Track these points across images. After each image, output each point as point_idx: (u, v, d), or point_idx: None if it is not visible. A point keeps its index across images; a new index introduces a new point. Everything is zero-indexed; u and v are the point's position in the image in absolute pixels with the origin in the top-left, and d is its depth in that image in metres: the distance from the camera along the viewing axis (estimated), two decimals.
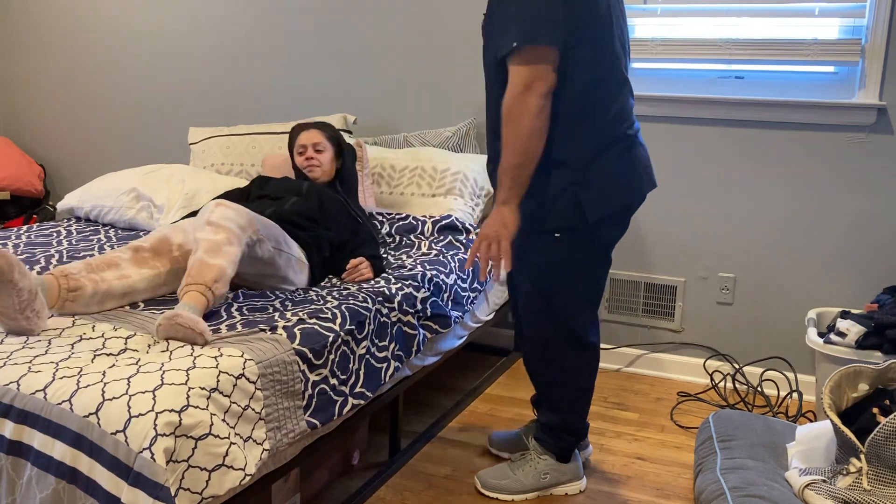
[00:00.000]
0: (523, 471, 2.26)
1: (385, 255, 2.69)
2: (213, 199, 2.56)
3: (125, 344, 1.75)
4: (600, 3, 1.91)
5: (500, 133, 1.95)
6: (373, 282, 2.35)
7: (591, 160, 1.95)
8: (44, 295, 1.85)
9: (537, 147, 1.87)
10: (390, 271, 2.47)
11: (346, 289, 2.26)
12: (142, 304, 2.04)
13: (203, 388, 1.55)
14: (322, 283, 2.41)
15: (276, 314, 1.98)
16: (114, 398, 1.47)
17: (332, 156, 2.77)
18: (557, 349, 2.16)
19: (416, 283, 2.37)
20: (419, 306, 2.34)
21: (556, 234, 2.02)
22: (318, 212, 2.53)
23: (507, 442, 2.48)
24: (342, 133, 3.33)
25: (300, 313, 1.98)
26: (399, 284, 2.33)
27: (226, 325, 1.89)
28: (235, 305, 2.07)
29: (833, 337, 2.52)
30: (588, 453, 2.45)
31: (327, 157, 2.74)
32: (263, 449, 1.67)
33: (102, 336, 1.78)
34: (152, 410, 1.45)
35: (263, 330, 1.85)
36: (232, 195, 2.64)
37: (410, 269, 2.48)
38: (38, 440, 1.49)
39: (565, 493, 2.28)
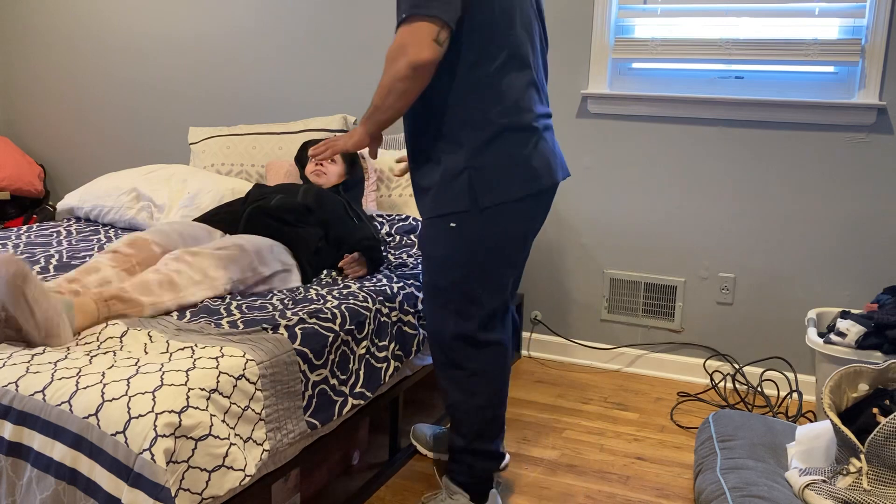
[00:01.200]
0: None
1: (385, 253, 2.69)
2: (197, 219, 2.56)
3: (120, 343, 1.74)
4: None
5: (416, 133, 2.01)
6: (374, 281, 2.35)
7: (487, 144, 1.91)
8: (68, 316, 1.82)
9: (394, 105, 1.88)
10: (391, 270, 2.47)
11: (346, 288, 2.26)
12: None
13: (203, 389, 1.55)
14: (322, 278, 2.40)
15: (277, 313, 1.98)
16: (113, 399, 1.47)
17: (341, 171, 2.81)
18: (455, 352, 2.01)
19: (417, 283, 2.37)
20: (420, 306, 2.34)
21: (452, 224, 1.95)
22: (311, 206, 2.52)
23: (432, 439, 2.35)
24: (342, 135, 3.33)
25: (300, 313, 1.98)
26: (401, 283, 2.33)
27: (227, 322, 1.89)
28: (235, 304, 2.07)
29: (833, 337, 2.52)
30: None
31: (335, 169, 2.79)
32: (263, 449, 1.67)
33: (97, 337, 1.77)
34: (152, 411, 1.45)
35: (265, 329, 1.85)
36: (225, 211, 2.59)
37: (412, 269, 2.48)
38: (37, 441, 1.49)
39: None
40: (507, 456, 2.21)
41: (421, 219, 2.06)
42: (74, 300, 1.81)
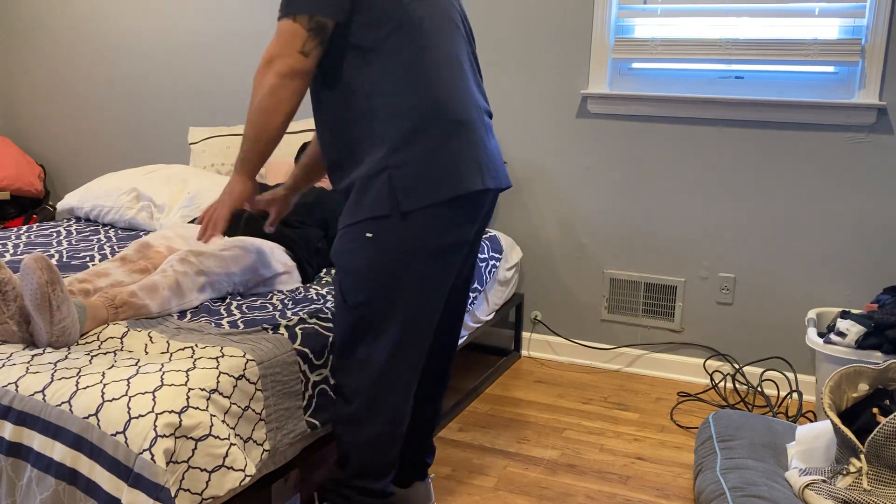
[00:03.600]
0: None
1: None
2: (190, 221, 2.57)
3: (120, 343, 1.74)
4: None
5: (317, 127, 1.82)
6: None
7: (409, 138, 1.69)
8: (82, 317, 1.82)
9: (269, 126, 1.70)
10: None
11: None
12: None
13: (203, 390, 1.55)
14: (321, 278, 2.40)
15: (277, 313, 1.98)
16: (113, 399, 1.47)
17: None
18: (366, 379, 1.78)
19: None
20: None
21: (369, 234, 1.70)
22: (312, 205, 2.53)
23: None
24: None
25: (300, 313, 1.98)
26: None
27: (227, 322, 1.89)
28: (235, 304, 2.07)
29: (833, 337, 2.52)
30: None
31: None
32: (263, 449, 1.67)
33: (97, 336, 1.77)
34: (152, 412, 1.45)
35: (266, 329, 1.85)
36: (231, 215, 2.60)
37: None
38: (37, 442, 1.49)
39: None
40: (393, 494, 1.93)
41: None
42: (87, 304, 1.81)
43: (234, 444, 1.57)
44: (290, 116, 1.72)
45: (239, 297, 2.15)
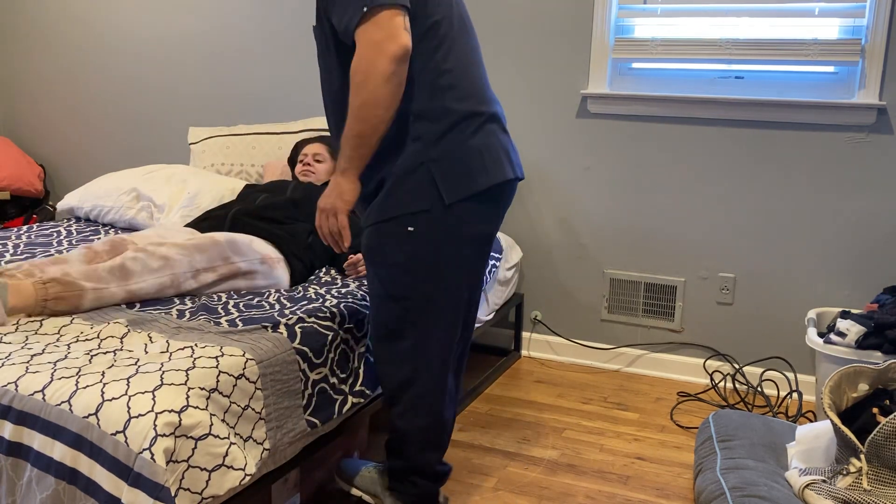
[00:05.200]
0: None
1: None
2: (187, 224, 2.56)
3: (120, 343, 1.74)
4: None
5: (341, 116, 1.78)
6: None
7: (445, 133, 1.74)
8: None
9: (383, 117, 1.66)
10: None
11: (345, 286, 2.26)
12: (137, 304, 2.03)
13: (203, 389, 1.55)
14: (321, 276, 2.40)
15: (276, 312, 1.98)
16: (113, 399, 1.47)
17: (331, 168, 2.79)
18: (406, 366, 1.86)
19: None
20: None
21: (410, 228, 1.74)
22: (298, 201, 2.51)
23: (361, 478, 2.09)
24: None
25: (299, 312, 1.98)
26: None
27: (226, 321, 1.89)
28: (232, 302, 2.07)
29: (833, 337, 2.52)
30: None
31: (324, 167, 2.78)
32: (263, 449, 1.67)
33: (97, 336, 1.77)
34: (152, 411, 1.45)
35: (265, 328, 1.85)
36: (213, 216, 2.57)
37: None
38: (37, 441, 1.49)
39: None
40: (450, 468, 2.06)
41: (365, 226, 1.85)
42: (9, 283, 1.80)
43: (234, 444, 1.57)
44: (397, 106, 1.68)
45: (236, 296, 2.14)
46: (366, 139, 1.69)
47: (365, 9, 1.62)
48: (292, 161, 2.97)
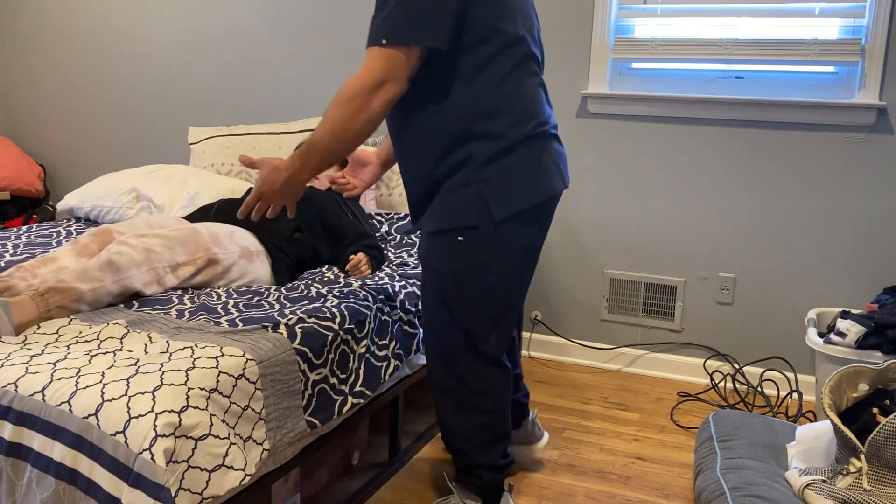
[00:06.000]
0: None
1: (385, 251, 2.69)
2: (185, 216, 2.57)
3: (120, 343, 1.74)
4: None
5: (401, 139, 1.87)
6: (375, 279, 2.35)
7: (497, 155, 1.79)
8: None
9: (356, 144, 1.75)
10: (394, 268, 2.47)
11: (347, 286, 2.26)
12: (136, 303, 2.04)
13: (202, 389, 1.55)
14: (324, 274, 2.40)
15: (276, 312, 1.98)
16: (113, 399, 1.47)
17: (332, 173, 2.80)
18: (461, 366, 1.93)
19: (418, 283, 2.38)
20: (420, 306, 2.34)
21: (460, 238, 1.82)
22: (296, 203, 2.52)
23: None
24: None
25: (300, 312, 1.98)
26: (402, 283, 2.33)
27: (226, 321, 1.89)
28: (232, 302, 2.07)
29: (833, 337, 2.52)
30: (542, 442, 2.37)
31: (328, 171, 2.78)
32: (263, 449, 1.67)
33: (97, 336, 1.77)
34: (152, 411, 1.45)
35: (265, 328, 1.85)
36: (202, 210, 2.58)
37: (413, 268, 2.48)
38: (37, 442, 1.49)
39: None
40: (513, 459, 2.14)
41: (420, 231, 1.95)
42: (11, 301, 1.81)
43: (234, 444, 1.57)
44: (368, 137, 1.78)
45: (235, 295, 2.14)
46: (333, 157, 1.76)
47: (384, 41, 1.68)
48: None
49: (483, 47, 1.76)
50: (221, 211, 2.47)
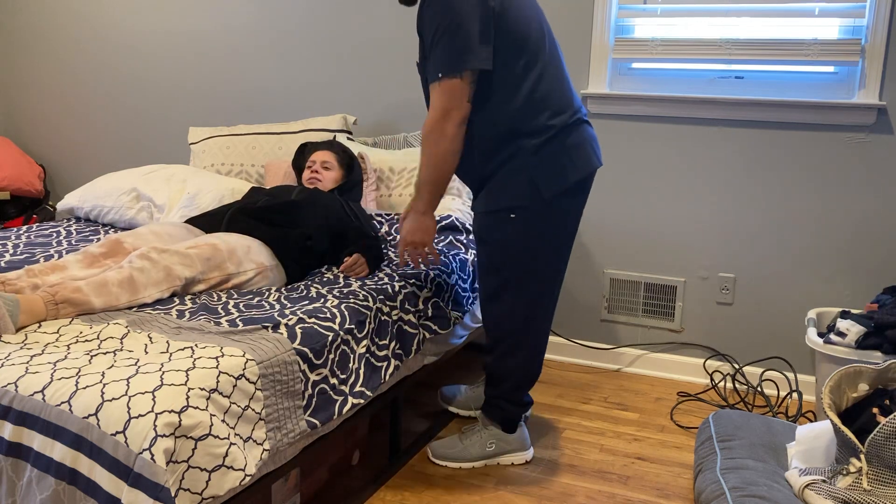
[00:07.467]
0: (470, 440, 2.41)
1: (384, 251, 2.69)
2: (187, 220, 2.56)
3: (120, 343, 1.74)
4: (524, 11, 2.10)
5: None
6: (375, 279, 2.35)
7: (541, 146, 2.12)
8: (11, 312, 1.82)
9: (452, 165, 2.11)
10: (394, 267, 2.47)
11: (347, 286, 2.26)
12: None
13: (203, 389, 1.55)
14: (324, 274, 2.40)
15: (276, 312, 1.98)
16: (113, 399, 1.47)
17: (338, 176, 2.81)
18: (511, 324, 2.28)
19: (419, 283, 2.37)
20: (420, 306, 2.34)
21: (512, 215, 2.15)
22: (302, 204, 2.51)
23: (459, 400, 2.72)
24: (341, 134, 3.33)
25: (300, 312, 1.98)
26: (402, 283, 2.33)
27: (226, 321, 1.89)
28: (232, 302, 2.07)
29: (833, 337, 2.52)
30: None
31: (331, 175, 2.79)
32: (263, 449, 1.67)
33: (97, 336, 1.77)
34: (152, 411, 1.45)
35: (266, 328, 1.85)
36: (211, 214, 2.57)
37: (413, 268, 2.48)
38: (37, 441, 1.49)
39: (511, 462, 2.42)
40: (531, 399, 2.48)
41: (473, 212, 2.28)
42: (21, 298, 1.81)
43: (234, 444, 1.57)
44: (460, 156, 2.15)
45: (236, 295, 2.14)
46: (440, 185, 2.15)
47: (440, 75, 2.03)
48: (298, 165, 2.97)
49: (516, 61, 2.08)
50: (234, 221, 2.44)
